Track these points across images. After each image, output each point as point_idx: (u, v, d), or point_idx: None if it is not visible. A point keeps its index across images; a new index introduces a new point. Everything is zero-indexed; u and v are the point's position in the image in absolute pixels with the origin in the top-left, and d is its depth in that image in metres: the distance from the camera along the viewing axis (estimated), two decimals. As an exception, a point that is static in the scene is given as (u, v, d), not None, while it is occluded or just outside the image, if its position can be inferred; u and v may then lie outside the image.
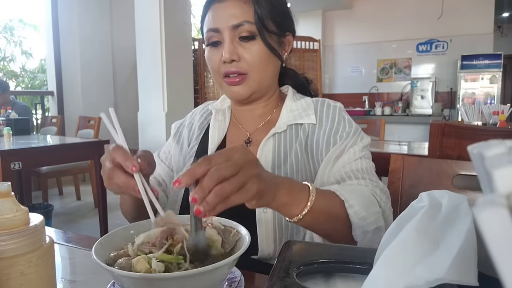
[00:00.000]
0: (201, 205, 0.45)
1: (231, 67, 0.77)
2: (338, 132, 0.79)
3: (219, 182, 0.45)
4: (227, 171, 0.46)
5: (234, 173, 0.47)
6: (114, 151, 0.56)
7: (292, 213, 0.58)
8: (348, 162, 0.75)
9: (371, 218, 0.64)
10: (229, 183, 0.46)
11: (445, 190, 0.37)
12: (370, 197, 0.68)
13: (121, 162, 0.55)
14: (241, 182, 0.47)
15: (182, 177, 0.45)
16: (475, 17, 5.33)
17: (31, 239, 0.43)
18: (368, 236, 0.64)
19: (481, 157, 0.19)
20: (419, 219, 0.32)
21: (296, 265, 0.44)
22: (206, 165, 0.46)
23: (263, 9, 0.76)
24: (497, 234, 0.16)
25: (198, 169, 0.46)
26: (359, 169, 0.74)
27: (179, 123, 0.96)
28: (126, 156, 0.55)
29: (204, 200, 0.45)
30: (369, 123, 2.82)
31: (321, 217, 0.60)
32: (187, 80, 3.66)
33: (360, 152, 0.77)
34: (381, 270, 0.31)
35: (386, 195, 0.73)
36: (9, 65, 6.14)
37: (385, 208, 0.69)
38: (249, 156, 0.50)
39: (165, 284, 0.46)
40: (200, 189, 0.45)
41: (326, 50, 6.26)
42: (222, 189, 0.45)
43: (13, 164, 2.17)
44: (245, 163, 0.48)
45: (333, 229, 0.64)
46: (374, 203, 0.67)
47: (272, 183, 0.54)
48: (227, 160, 0.47)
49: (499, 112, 1.99)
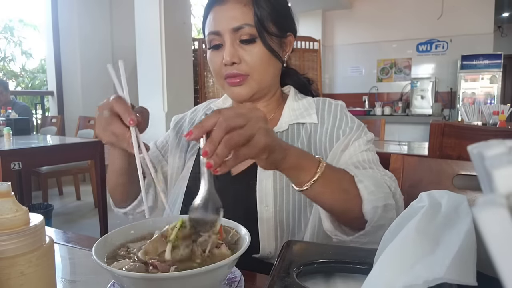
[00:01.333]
0: (212, 158, 0.46)
1: (232, 69, 0.77)
2: (341, 127, 0.79)
3: (228, 132, 0.47)
4: (235, 121, 0.47)
5: (242, 124, 0.48)
6: (116, 101, 0.57)
7: (302, 180, 0.58)
8: (354, 154, 0.75)
9: (381, 194, 0.63)
10: (237, 133, 0.47)
11: (445, 190, 0.37)
12: (380, 180, 0.67)
13: (121, 113, 0.57)
14: (248, 133, 0.48)
15: (194, 129, 0.47)
16: (475, 17, 5.33)
17: (31, 239, 0.43)
18: (378, 213, 0.61)
19: (481, 157, 0.19)
20: (419, 219, 0.32)
21: (296, 265, 0.44)
22: (216, 118, 0.47)
23: (263, 10, 0.76)
24: (497, 234, 0.16)
25: (208, 122, 0.47)
26: (366, 160, 0.74)
27: (179, 117, 0.96)
28: (127, 108, 0.57)
29: (214, 152, 0.46)
30: (369, 123, 2.81)
31: (331, 187, 0.60)
32: (187, 80, 3.66)
33: (365, 145, 0.77)
34: (381, 270, 0.31)
35: (395, 182, 0.71)
36: (9, 65, 6.14)
37: (395, 191, 0.68)
38: (257, 112, 0.51)
39: (165, 284, 0.46)
40: (210, 141, 0.46)
41: (326, 50, 6.26)
42: (230, 138, 0.46)
43: (13, 164, 2.17)
44: (253, 117, 0.50)
45: (342, 202, 0.62)
46: (383, 185, 0.66)
47: (282, 143, 0.54)
48: (235, 113, 0.49)
49: (499, 112, 1.99)
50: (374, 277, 0.32)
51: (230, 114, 0.48)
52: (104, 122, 0.58)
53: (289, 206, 0.75)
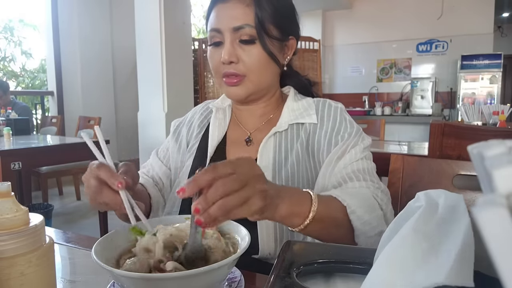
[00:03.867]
0: (202, 216, 0.44)
1: (230, 68, 0.77)
2: (339, 133, 0.79)
3: (223, 196, 0.45)
4: (232, 186, 0.45)
5: (239, 187, 0.46)
6: (99, 168, 0.55)
7: (295, 224, 0.58)
8: (350, 163, 0.75)
9: (374, 223, 0.65)
10: (234, 198, 0.45)
11: (441, 189, 0.37)
12: (371, 200, 0.68)
13: (107, 180, 0.54)
14: (245, 197, 0.46)
15: (187, 186, 0.45)
16: (475, 17, 5.33)
17: (31, 239, 0.43)
18: (371, 241, 0.64)
19: (481, 157, 0.19)
20: (416, 219, 0.32)
21: (296, 265, 0.44)
22: (211, 175, 0.45)
23: (264, 12, 0.75)
24: (497, 234, 0.16)
25: (203, 179, 0.45)
26: (360, 170, 0.74)
27: (179, 121, 0.96)
28: (112, 173, 0.55)
29: (206, 211, 0.44)
30: (369, 123, 2.81)
31: (324, 225, 0.61)
32: (187, 80, 3.66)
33: (362, 153, 0.77)
34: (379, 270, 0.31)
35: (387, 196, 0.73)
36: (9, 65, 6.14)
37: (386, 210, 0.70)
38: (255, 171, 0.50)
39: (165, 284, 0.46)
40: (203, 200, 0.44)
41: (326, 50, 6.26)
42: (226, 203, 0.45)
43: (13, 164, 2.17)
44: (251, 178, 0.48)
45: (336, 235, 0.64)
46: (375, 207, 0.68)
47: (276, 196, 0.53)
48: (233, 173, 0.46)
49: (499, 112, 1.99)
50: (372, 277, 0.32)
51: (226, 173, 0.46)
52: (94, 193, 0.56)
53: None
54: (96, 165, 0.56)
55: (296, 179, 0.77)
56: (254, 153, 0.79)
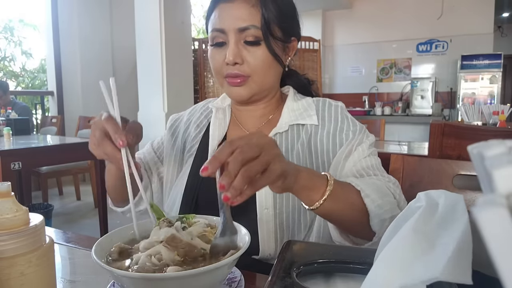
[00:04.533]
0: (229, 191, 0.45)
1: (234, 69, 0.76)
2: (343, 131, 0.79)
3: (244, 164, 0.46)
4: (250, 153, 0.47)
5: (257, 154, 0.48)
6: (107, 121, 0.58)
7: (312, 199, 0.58)
8: (358, 160, 0.75)
9: (387, 207, 0.64)
10: (254, 163, 0.47)
11: (442, 190, 0.37)
12: (384, 188, 0.68)
13: (111, 134, 0.57)
14: (265, 162, 0.48)
15: (208, 163, 0.46)
16: (475, 17, 5.32)
17: (31, 239, 0.43)
18: (385, 225, 0.62)
19: (481, 157, 0.19)
20: (416, 219, 0.32)
21: (296, 265, 0.44)
22: (229, 149, 0.47)
23: (270, 13, 0.75)
24: (497, 234, 0.16)
25: (222, 154, 0.47)
26: (370, 166, 0.75)
27: (176, 117, 0.96)
28: (117, 129, 0.57)
29: (231, 185, 0.45)
30: (369, 123, 2.81)
31: (340, 204, 0.61)
32: (187, 80, 3.66)
33: (368, 149, 0.77)
34: (379, 270, 0.31)
35: (399, 188, 0.73)
36: (9, 65, 6.14)
37: (400, 199, 0.69)
38: (267, 138, 0.52)
39: (165, 284, 0.46)
40: (226, 174, 0.45)
41: (326, 50, 6.26)
42: (248, 170, 0.46)
43: (13, 164, 2.17)
44: (266, 144, 0.49)
45: (351, 217, 0.63)
46: (388, 194, 0.67)
47: (293, 165, 0.55)
48: (248, 143, 0.48)
49: (499, 112, 1.99)
50: (372, 276, 0.32)
51: (242, 144, 0.48)
52: (96, 142, 0.59)
53: (289, 208, 0.74)
54: (105, 116, 0.59)
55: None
56: None
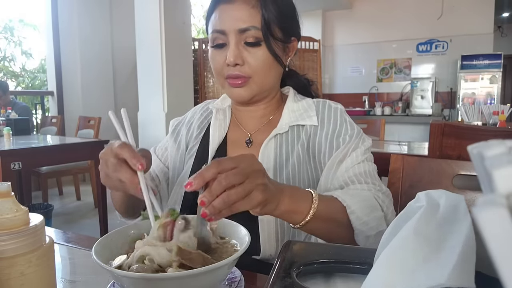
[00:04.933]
0: (207, 208, 0.48)
1: (234, 70, 0.76)
2: (340, 135, 0.79)
3: (227, 188, 0.48)
4: (234, 179, 0.49)
5: (241, 181, 0.49)
6: (122, 147, 0.57)
7: (295, 220, 0.60)
8: (351, 166, 0.75)
9: (373, 223, 0.65)
10: (236, 191, 0.49)
11: (442, 190, 0.37)
12: (372, 201, 0.69)
13: (128, 159, 0.56)
14: (247, 190, 0.50)
15: (193, 180, 0.48)
16: (475, 17, 5.32)
17: (31, 239, 0.43)
18: (370, 241, 0.65)
19: (481, 157, 0.19)
20: (417, 220, 0.32)
21: (296, 265, 0.44)
22: (215, 169, 0.49)
23: (270, 14, 0.75)
24: (497, 234, 0.16)
25: (208, 173, 0.48)
26: (362, 173, 0.75)
27: (177, 121, 0.96)
28: (134, 153, 0.56)
29: (211, 204, 0.48)
30: (369, 123, 2.81)
31: (324, 223, 0.62)
32: (187, 80, 3.66)
33: (363, 155, 0.77)
34: (379, 271, 0.31)
35: (389, 198, 0.73)
36: (9, 65, 6.14)
37: (387, 212, 0.70)
38: (256, 166, 0.53)
39: (164, 284, 0.46)
40: (208, 193, 0.48)
41: (326, 50, 6.26)
42: (229, 196, 0.48)
43: (13, 164, 2.17)
44: (252, 172, 0.51)
45: (335, 234, 0.65)
46: (376, 208, 0.68)
47: (276, 191, 0.55)
48: (236, 167, 0.50)
49: (499, 112, 1.99)
50: (372, 278, 0.32)
51: (229, 167, 0.49)
52: (110, 169, 0.57)
53: None
54: (119, 144, 0.58)
55: (297, 181, 0.77)
56: (255, 154, 0.79)
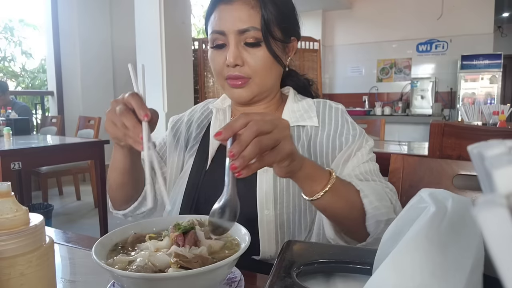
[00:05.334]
0: (237, 160, 0.47)
1: (234, 71, 0.76)
2: (343, 135, 0.79)
3: (257, 135, 0.48)
4: (264, 126, 0.49)
5: (270, 130, 0.49)
6: (132, 96, 0.58)
7: (314, 189, 0.59)
8: (357, 165, 0.76)
9: (384, 210, 0.65)
10: (266, 137, 0.49)
11: (446, 191, 0.36)
12: (382, 193, 0.69)
13: (136, 107, 0.57)
14: (276, 138, 0.50)
15: (223, 130, 0.48)
16: (475, 17, 5.32)
17: (31, 239, 0.43)
18: (381, 227, 0.64)
19: (481, 157, 0.19)
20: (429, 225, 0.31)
21: (296, 265, 0.44)
22: (244, 119, 0.49)
23: (270, 15, 0.75)
24: (497, 234, 0.16)
25: (237, 123, 0.48)
26: (368, 171, 0.75)
27: (177, 118, 0.96)
28: (142, 103, 0.58)
29: (241, 154, 0.47)
30: (369, 123, 2.81)
31: (339, 199, 0.62)
32: (187, 80, 3.66)
33: (367, 155, 0.78)
34: (387, 273, 0.30)
35: (396, 195, 0.74)
36: (9, 65, 6.14)
37: (396, 205, 0.70)
38: (282, 119, 0.53)
39: (164, 284, 0.46)
40: (238, 143, 0.47)
41: (326, 50, 6.26)
42: (259, 142, 0.48)
43: (13, 164, 2.17)
44: (279, 123, 0.51)
45: (348, 213, 0.64)
46: (386, 199, 0.68)
47: (300, 156, 0.56)
48: (263, 118, 0.50)
49: (499, 112, 1.99)
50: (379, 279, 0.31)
51: (258, 118, 0.49)
52: (118, 113, 0.58)
53: (289, 209, 0.74)
54: (130, 93, 0.59)
55: None
56: None
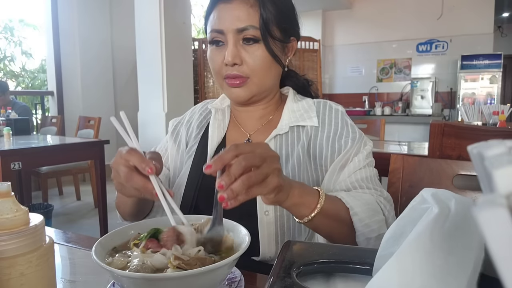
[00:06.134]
0: (226, 192, 0.47)
1: (233, 70, 0.76)
2: (342, 137, 0.79)
3: (245, 170, 0.49)
4: (253, 161, 0.49)
5: (259, 164, 0.50)
6: (130, 154, 0.55)
7: (302, 214, 0.61)
8: (354, 171, 0.76)
9: (374, 226, 0.67)
10: (254, 173, 0.50)
11: (449, 191, 0.36)
12: (374, 205, 0.70)
13: (137, 165, 0.55)
14: (264, 173, 0.51)
15: (213, 162, 0.48)
16: (475, 17, 5.32)
17: (31, 239, 0.43)
18: (370, 243, 0.66)
19: (481, 157, 0.19)
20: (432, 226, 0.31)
21: (296, 265, 0.44)
22: (234, 152, 0.49)
23: (269, 14, 0.74)
24: (497, 234, 0.16)
25: (227, 155, 0.49)
26: (364, 179, 0.75)
27: (177, 121, 0.95)
28: (142, 158, 0.55)
29: (229, 187, 0.48)
30: (369, 123, 2.81)
31: (329, 220, 0.63)
32: (187, 80, 3.66)
33: (365, 160, 0.77)
34: (392, 273, 0.30)
35: (390, 203, 0.74)
36: (9, 65, 6.14)
37: (389, 216, 0.71)
38: (271, 152, 0.54)
39: (164, 284, 0.46)
40: (227, 175, 0.48)
41: (326, 50, 6.26)
42: (248, 178, 0.49)
43: (13, 164, 2.17)
44: (268, 157, 0.52)
45: (338, 232, 0.66)
46: (378, 211, 0.69)
47: (287, 181, 0.57)
48: (253, 151, 0.50)
49: (499, 112, 1.98)
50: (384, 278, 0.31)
51: (247, 151, 0.50)
52: (125, 179, 0.56)
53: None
54: (126, 150, 0.56)
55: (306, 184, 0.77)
56: None
